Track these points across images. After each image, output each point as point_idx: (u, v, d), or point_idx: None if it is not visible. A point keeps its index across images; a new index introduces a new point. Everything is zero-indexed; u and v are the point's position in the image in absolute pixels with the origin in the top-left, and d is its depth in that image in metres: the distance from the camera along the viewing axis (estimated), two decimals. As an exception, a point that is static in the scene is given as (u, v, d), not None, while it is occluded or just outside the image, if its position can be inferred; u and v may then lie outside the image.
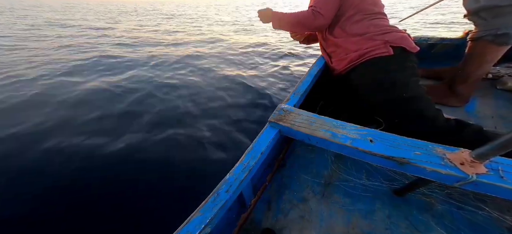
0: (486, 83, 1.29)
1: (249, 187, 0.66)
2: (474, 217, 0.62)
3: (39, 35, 5.79)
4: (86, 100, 2.27)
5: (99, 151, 1.57)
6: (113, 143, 1.64)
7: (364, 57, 0.84)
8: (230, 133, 1.80)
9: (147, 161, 1.50)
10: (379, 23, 0.87)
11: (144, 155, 1.54)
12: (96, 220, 1.15)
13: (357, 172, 0.78)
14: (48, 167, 1.43)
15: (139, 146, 1.62)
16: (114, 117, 1.98)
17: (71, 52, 4.16)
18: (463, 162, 0.47)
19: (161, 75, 2.97)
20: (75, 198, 1.25)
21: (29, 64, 3.38)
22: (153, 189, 1.31)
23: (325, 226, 0.63)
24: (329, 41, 0.99)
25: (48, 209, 1.19)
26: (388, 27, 0.85)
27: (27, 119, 1.90)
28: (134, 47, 4.73)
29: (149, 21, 9.47)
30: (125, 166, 1.46)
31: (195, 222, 0.44)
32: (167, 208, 1.19)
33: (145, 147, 1.61)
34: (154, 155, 1.55)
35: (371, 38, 0.83)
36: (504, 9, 0.91)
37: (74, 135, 1.72)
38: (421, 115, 0.74)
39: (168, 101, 2.29)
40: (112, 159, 1.51)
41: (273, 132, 0.66)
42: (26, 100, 2.25)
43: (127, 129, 1.81)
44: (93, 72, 3.10)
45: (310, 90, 0.99)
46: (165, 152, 1.57)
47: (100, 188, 1.31)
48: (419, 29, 5.32)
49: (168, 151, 1.59)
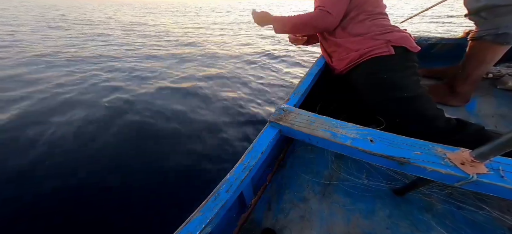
0: (486, 83, 1.29)
1: (249, 187, 0.66)
2: (475, 217, 0.62)
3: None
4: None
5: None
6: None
7: (365, 57, 0.83)
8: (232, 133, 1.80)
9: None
10: (381, 23, 0.87)
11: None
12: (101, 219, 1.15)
13: (357, 172, 0.78)
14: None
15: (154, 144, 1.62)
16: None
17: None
18: (464, 162, 0.47)
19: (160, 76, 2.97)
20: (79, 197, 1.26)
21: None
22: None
23: (326, 226, 0.63)
24: (329, 41, 0.99)
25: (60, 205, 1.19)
26: (390, 27, 0.85)
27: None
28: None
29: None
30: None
31: (196, 222, 0.44)
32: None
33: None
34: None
35: (372, 38, 0.83)
36: (504, 8, 0.91)
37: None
38: (422, 115, 0.73)
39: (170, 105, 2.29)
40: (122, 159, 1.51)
41: (273, 131, 0.66)
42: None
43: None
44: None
45: (310, 90, 0.99)
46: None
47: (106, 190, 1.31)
48: (421, 28, 5.31)
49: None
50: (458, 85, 1.12)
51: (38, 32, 6.04)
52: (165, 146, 1.65)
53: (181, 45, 4.93)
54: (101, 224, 1.13)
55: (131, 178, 1.38)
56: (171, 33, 6.62)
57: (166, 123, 1.91)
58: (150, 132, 1.79)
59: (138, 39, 5.64)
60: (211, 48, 4.64)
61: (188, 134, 1.78)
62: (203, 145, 1.66)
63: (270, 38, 5.70)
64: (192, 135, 1.76)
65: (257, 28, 7.04)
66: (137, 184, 1.34)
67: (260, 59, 3.85)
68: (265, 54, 4.12)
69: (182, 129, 1.83)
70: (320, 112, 0.70)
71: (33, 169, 1.40)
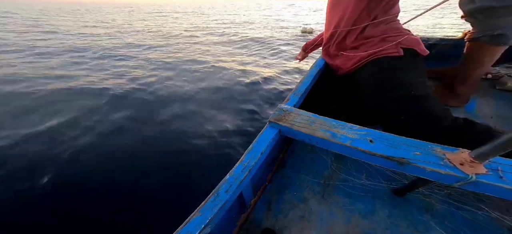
0: (485, 83, 1.29)
1: (249, 187, 0.66)
2: (474, 217, 0.62)
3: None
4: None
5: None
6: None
7: (373, 56, 0.84)
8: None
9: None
10: (395, 26, 0.87)
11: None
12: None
13: (357, 172, 0.78)
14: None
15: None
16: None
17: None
18: (463, 162, 0.47)
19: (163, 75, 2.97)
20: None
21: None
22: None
23: (325, 226, 0.63)
24: (339, 44, 0.99)
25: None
26: (404, 31, 0.85)
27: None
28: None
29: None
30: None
31: (195, 222, 0.44)
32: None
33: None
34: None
35: (384, 40, 0.84)
36: (499, 10, 0.91)
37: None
38: (430, 114, 0.72)
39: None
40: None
41: (273, 132, 0.66)
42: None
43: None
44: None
45: (310, 91, 0.99)
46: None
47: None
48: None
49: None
50: (457, 86, 1.12)
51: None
52: (168, 141, 1.65)
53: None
54: (100, 224, 1.12)
55: (130, 178, 1.38)
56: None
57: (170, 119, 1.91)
58: (150, 132, 1.79)
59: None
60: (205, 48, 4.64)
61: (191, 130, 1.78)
62: (204, 144, 1.66)
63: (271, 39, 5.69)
64: (192, 133, 1.76)
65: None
66: (137, 184, 1.34)
67: (260, 57, 3.84)
68: (266, 53, 4.12)
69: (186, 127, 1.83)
70: (320, 113, 0.70)
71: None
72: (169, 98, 2.34)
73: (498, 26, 0.93)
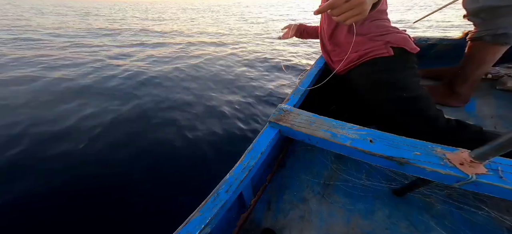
0: (485, 83, 1.29)
1: (249, 187, 0.66)
2: (474, 217, 0.62)
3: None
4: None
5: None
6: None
7: (363, 58, 0.83)
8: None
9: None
10: (381, 24, 0.87)
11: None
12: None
13: (357, 172, 0.78)
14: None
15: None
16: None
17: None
18: (463, 162, 0.47)
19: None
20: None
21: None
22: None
23: (325, 226, 0.63)
24: (330, 41, 0.99)
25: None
26: (390, 28, 0.85)
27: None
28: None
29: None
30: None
31: (195, 222, 0.44)
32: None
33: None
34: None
35: (371, 39, 0.83)
36: (503, 9, 0.91)
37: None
38: (423, 115, 0.73)
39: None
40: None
41: (273, 132, 0.66)
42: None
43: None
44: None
45: (310, 90, 0.99)
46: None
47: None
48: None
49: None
50: (457, 86, 1.12)
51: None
52: (166, 139, 1.65)
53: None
54: (99, 224, 1.13)
55: (130, 177, 1.38)
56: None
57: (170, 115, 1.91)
58: (148, 132, 1.79)
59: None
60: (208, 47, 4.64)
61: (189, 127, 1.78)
62: (202, 145, 1.66)
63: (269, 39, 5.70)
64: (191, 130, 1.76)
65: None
66: (136, 183, 1.34)
67: (260, 58, 3.85)
68: (265, 54, 4.12)
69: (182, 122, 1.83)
70: (320, 113, 0.70)
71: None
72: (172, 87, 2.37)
73: (500, 25, 0.93)
